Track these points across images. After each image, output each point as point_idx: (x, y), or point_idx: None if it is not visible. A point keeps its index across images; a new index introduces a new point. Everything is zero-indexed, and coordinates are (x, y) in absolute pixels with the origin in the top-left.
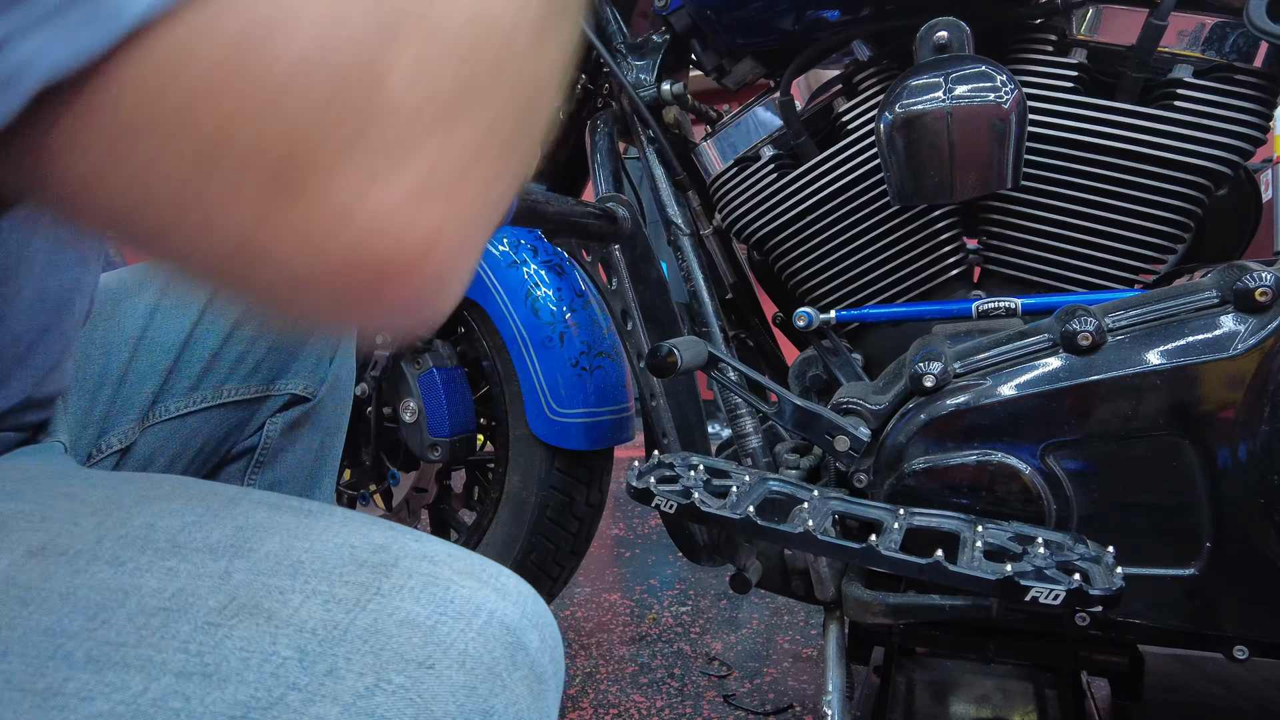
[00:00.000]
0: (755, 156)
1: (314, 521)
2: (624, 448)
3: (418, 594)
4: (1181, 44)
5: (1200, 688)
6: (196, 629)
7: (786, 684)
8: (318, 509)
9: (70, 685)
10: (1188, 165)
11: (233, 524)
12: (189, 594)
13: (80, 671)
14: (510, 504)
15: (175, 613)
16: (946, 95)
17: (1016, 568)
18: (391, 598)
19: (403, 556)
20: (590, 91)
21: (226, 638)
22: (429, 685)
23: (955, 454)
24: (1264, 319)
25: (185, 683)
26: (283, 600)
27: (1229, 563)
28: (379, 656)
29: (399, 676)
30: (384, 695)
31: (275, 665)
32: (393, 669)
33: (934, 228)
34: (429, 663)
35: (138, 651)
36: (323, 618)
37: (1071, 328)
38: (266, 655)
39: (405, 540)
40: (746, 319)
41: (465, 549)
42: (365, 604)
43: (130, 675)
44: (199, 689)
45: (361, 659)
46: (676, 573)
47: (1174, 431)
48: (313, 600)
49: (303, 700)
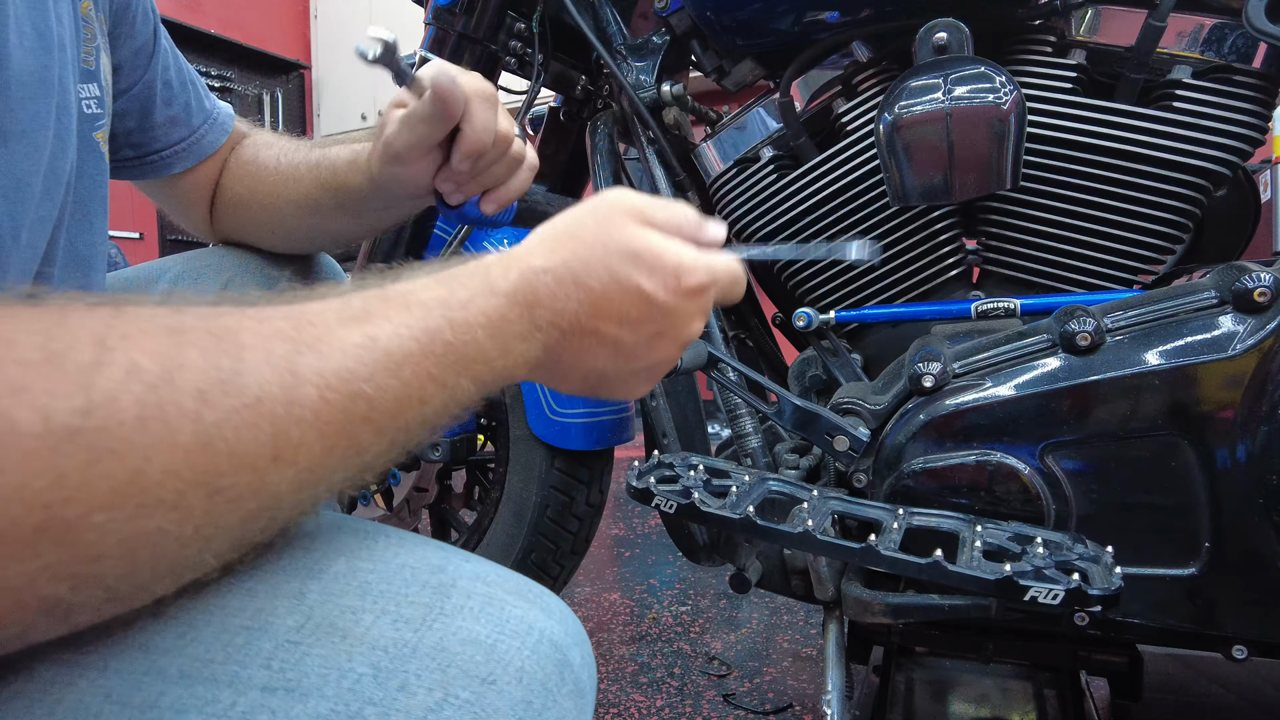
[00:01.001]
0: (755, 157)
1: (373, 542)
2: (624, 448)
3: (477, 614)
4: (1180, 45)
5: (1199, 688)
6: (278, 646)
7: (786, 683)
8: (371, 528)
9: (165, 699)
10: (1186, 166)
11: (300, 545)
12: (268, 613)
13: (174, 686)
14: (511, 504)
15: (257, 631)
16: (946, 96)
17: (1016, 568)
18: (454, 617)
19: (459, 577)
20: (590, 92)
21: (306, 655)
22: (491, 700)
23: (954, 454)
24: (1262, 319)
25: (270, 697)
26: (355, 619)
27: (1228, 563)
28: (446, 673)
29: (465, 691)
30: (452, 709)
31: (352, 681)
32: (459, 685)
33: (933, 228)
34: (491, 679)
35: (225, 668)
36: (393, 636)
37: (1070, 328)
38: (344, 671)
39: (458, 561)
40: (746, 319)
41: (508, 569)
42: (431, 623)
43: (220, 690)
44: (283, 703)
45: (430, 675)
46: (676, 572)
47: (1173, 432)
48: (383, 619)
49: (379, 714)
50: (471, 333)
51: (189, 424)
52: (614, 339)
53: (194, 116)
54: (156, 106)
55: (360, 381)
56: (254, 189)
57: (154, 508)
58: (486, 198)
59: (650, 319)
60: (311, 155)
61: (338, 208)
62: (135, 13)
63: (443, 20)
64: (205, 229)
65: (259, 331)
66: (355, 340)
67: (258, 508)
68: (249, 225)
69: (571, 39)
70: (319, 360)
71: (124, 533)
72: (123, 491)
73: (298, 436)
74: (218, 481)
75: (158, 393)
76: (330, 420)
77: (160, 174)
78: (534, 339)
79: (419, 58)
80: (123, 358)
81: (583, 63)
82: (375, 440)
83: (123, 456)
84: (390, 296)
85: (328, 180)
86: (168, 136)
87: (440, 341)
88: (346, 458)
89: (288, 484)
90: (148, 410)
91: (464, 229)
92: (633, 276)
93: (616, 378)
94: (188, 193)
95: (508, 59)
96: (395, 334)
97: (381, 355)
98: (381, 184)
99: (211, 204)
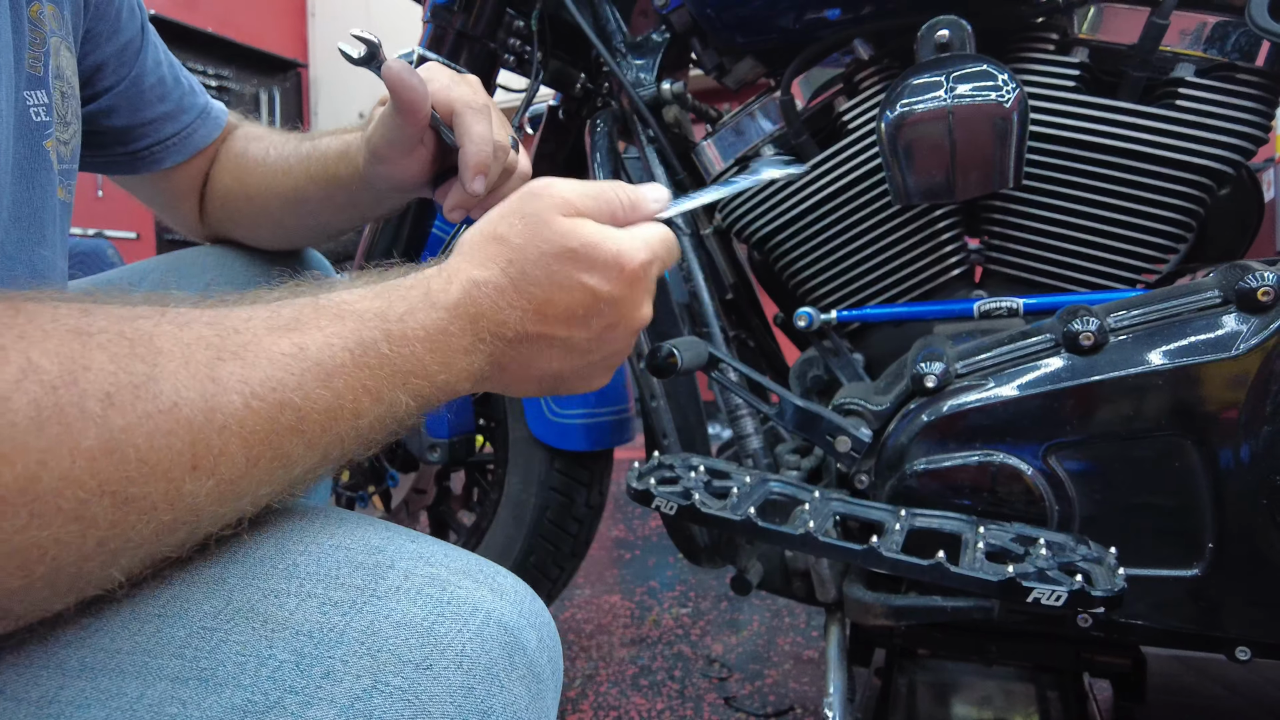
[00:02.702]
0: (756, 155)
1: (309, 524)
2: (624, 449)
3: (414, 595)
4: (1183, 43)
5: (1203, 689)
6: (191, 634)
7: (787, 686)
8: (312, 511)
9: (65, 693)
10: (1190, 165)
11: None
12: (183, 600)
13: (75, 679)
14: (510, 505)
15: (169, 619)
16: (948, 94)
17: (1018, 569)
18: (388, 600)
19: (398, 558)
20: (590, 91)
21: (222, 642)
22: (426, 686)
23: (957, 455)
24: (1266, 319)
25: (181, 687)
26: (278, 604)
27: (1231, 564)
28: (376, 658)
29: (396, 678)
30: (381, 697)
31: (272, 669)
32: (390, 671)
33: (935, 227)
34: (426, 664)
35: (132, 658)
36: (319, 620)
37: (1073, 328)
38: (263, 659)
39: (401, 541)
40: (747, 319)
41: (462, 549)
42: (361, 606)
43: (125, 681)
44: (195, 694)
45: (358, 661)
46: (677, 574)
47: (1176, 432)
48: (308, 603)
49: (300, 703)
50: (409, 346)
51: (93, 428)
52: (564, 339)
53: (186, 112)
54: (147, 103)
55: (289, 391)
56: (244, 181)
57: (50, 516)
58: (478, 205)
59: (599, 313)
60: (302, 148)
61: (327, 199)
62: (119, 8)
63: (441, 18)
64: (194, 225)
65: (178, 337)
66: (284, 349)
67: (174, 520)
68: (239, 219)
69: (571, 36)
70: (244, 368)
71: (15, 543)
72: (12, 499)
73: (219, 445)
74: (127, 490)
75: (57, 394)
76: (256, 430)
77: (151, 169)
78: (478, 351)
79: (417, 56)
80: (17, 356)
81: (582, 61)
82: (305, 453)
83: (13, 461)
84: (323, 306)
85: (318, 173)
86: (159, 132)
87: (375, 354)
88: (273, 469)
89: (207, 494)
90: (44, 412)
91: (462, 229)
92: (574, 275)
93: (574, 375)
94: (177, 188)
95: (506, 57)
96: (327, 344)
97: (312, 365)
98: (369, 179)
99: (201, 199)
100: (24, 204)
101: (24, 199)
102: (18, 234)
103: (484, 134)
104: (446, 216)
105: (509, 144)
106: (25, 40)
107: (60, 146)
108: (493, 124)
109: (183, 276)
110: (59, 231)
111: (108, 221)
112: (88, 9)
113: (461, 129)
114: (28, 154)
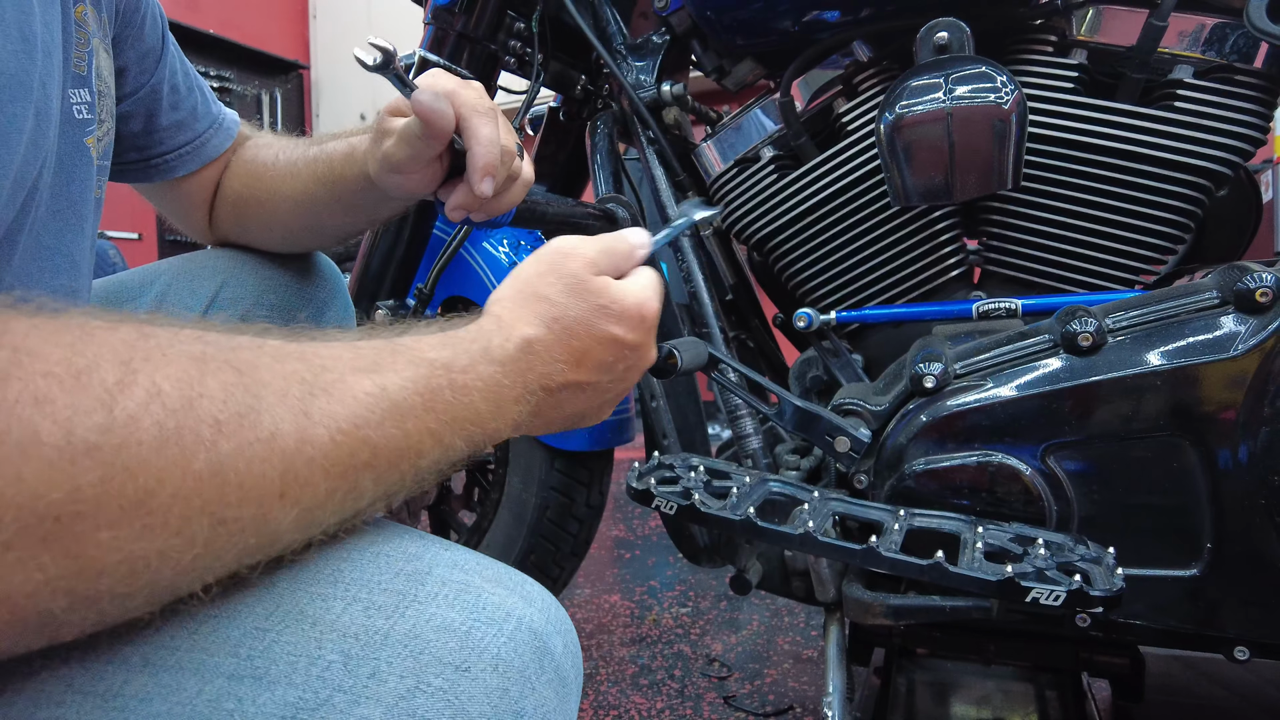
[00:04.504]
0: (755, 157)
1: (348, 531)
2: (624, 449)
3: (452, 601)
4: (1182, 45)
5: (1201, 689)
6: (245, 634)
7: (787, 685)
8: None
9: (129, 688)
10: (1188, 166)
11: None
12: (235, 601)
13: (137, 674)
14: (510, 505)
15: (224, 619)
16: (947, 96)
17: (1017, 569)
18: (428, 604)
19: (435, 565)
20: (590, 92)
21: (274, 642)
22: (465, 687)
23: (956, 455)
24: (1264, 320)
25: (237, 684)
26: (325, 607)
27: (1230, 564)
28: (418, 660)
29: (437, 679)
30: (424, 697)
31: (322, 668)
32: (431, 672)
33: (934, 228)
34: (465, 666)
35: (191, 655)
36: (364, 623)
37: (1072, 328)
38: (313, 659)
39: (436, 549)
40: (747, 320)
41: (490, 558)
42: (404, 610)
43: (185, 677)
44: (250, 690)
45: (402, 662)
46: (677, 574)
47: (1175, 432)
48: (354, 607)
49: (349, 701)
50: (469, 395)
51: (204, 451)
52: (592, 385)
53: (199, 121)
54: (163, 110)
55: (369, 429)
56: (253, 186)
57: (159, 530)
58: (481, 206)
59: (623, 359)
60: (309, 151)
61: (335, 201)
62: (144, 16)
63: (442, 20)
64: (204, 232)
65: (277, 370)
66: (367, 389)
67: (257, 544)
68: (248, 224)
69: (571, 38)
70: (331, 404)
71: (127, 552)
72: (131, 511)
73: (305, 476)
74: (224, 512)
75: (177, 417)
76: (337, 463)
77: (164, 177)
78: (525, 401)
79: (418, 58)
80: (146, 380)
81: (582, 62)
82: (374, 487)
83: (136, 476)
84: (399, 351)
85: (324, 175)
86: (173, 140)
87: (442, 400)
88: (345, 502)
89: (290, 523)
90: (166, 434)
91: (463, 229)
92: (608, 329)
93: (592, 413)
94: (190, 196)
95: (507, 59)
96: (402, 387)
97: (390, 406)
98: (380, 186)
99: (211, 207)
100: (63, 198)
101: (63, 193)
102: (56, 226)
103: (491, 137)
104: (448, 216)
105: (514, 149)
106: (73, 40)
107: (97, 144)
108: (500, 128)
109: (195, 280)
110: (92, 226)
111: (109, 222)
112: (117, 15)
113: (469, 132)
114: (70, 150)
